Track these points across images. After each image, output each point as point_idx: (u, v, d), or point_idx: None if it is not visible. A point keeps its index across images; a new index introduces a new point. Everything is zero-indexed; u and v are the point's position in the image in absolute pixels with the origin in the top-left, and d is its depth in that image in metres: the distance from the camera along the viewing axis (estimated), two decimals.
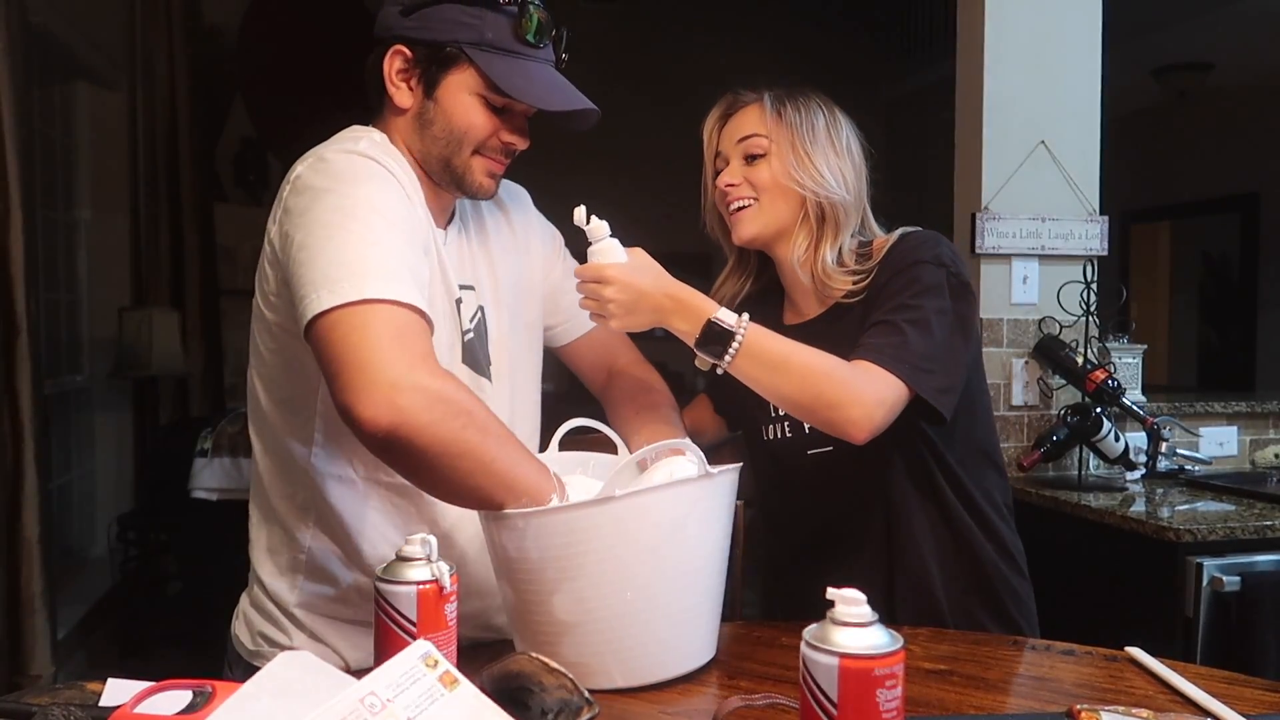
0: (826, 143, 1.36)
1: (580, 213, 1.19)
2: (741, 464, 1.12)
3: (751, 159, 1.36)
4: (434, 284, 1.17)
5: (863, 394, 1.20)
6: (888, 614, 0.77)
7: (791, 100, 1.37)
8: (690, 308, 1.19)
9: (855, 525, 1.40)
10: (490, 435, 1.00)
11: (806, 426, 1.38)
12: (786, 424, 1.41)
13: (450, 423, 0.96)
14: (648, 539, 1.01)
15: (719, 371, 1.21)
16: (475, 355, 1.23)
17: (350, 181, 1.07)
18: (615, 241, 1.20)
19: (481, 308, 1.26)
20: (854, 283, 1.34)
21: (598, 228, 1.19)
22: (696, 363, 1.26)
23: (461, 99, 1.15)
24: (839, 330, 1.27)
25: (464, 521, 1.18)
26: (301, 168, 1.11)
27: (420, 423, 0.95)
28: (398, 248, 1.04)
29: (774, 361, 1.19)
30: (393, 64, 1.16)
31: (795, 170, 1.34)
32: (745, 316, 1.20)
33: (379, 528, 1.17)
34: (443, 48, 1.13)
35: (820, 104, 1.39)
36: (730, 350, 1.18)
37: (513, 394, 1.29)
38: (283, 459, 1.19)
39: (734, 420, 1.58)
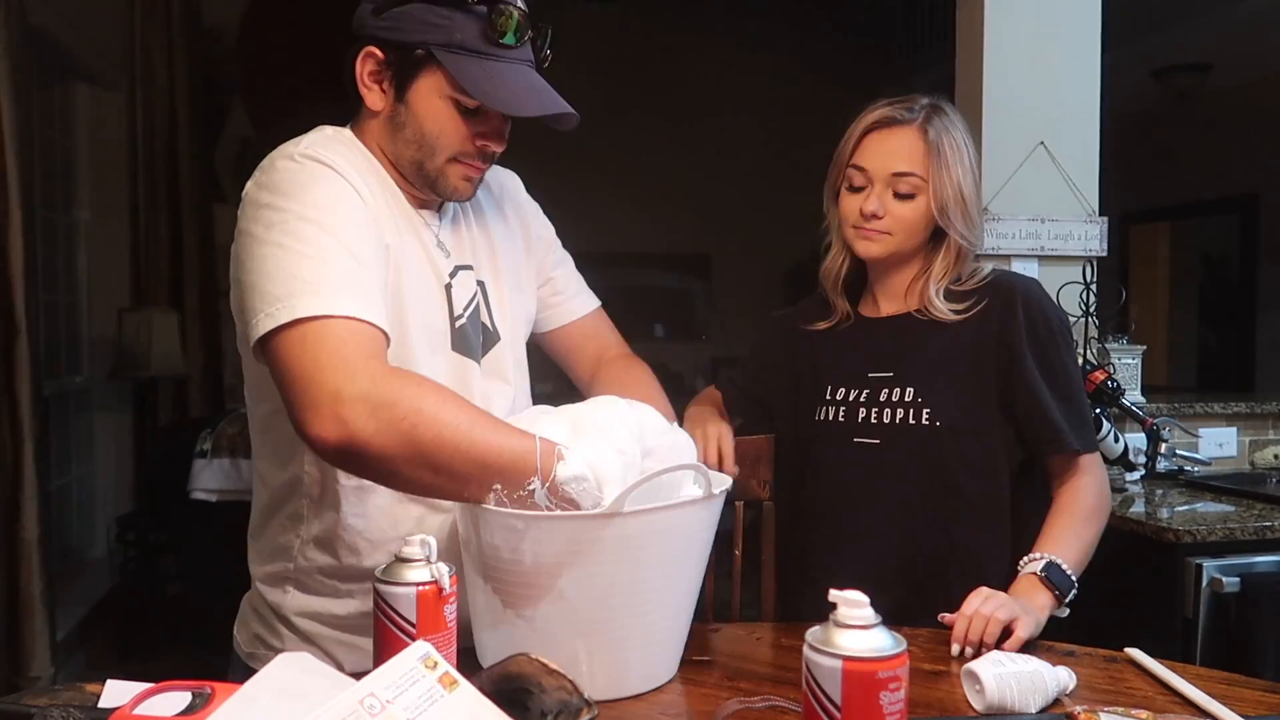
0: (973, 185, 1.40)
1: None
2: (732, 479, 1.14)
3: (903, 195, 1.37)
4: (420, 270, 1.15)
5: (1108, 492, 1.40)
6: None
7: (948, 134, 1.37)
8: None
9: (898, 525, 1.38)
10: (445, 426, 0.96)
11: (859, 414, 1.40)
12: (842, 409, 1.43)
13: (398, 425, 0.94)
14: (651, 554, 1.00)
15: None
16: (468, 340, 1.20)
17: (287, 193, 1.04)
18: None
19: (481, 283, 1.24)
20: (954, 312, 1.39)
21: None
22: None
23: (433, 103, 1.11)
24: (910, 335, 1.31)
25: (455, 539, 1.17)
26: (250, 181, 1.09)
27: (367, 433, 0.94)
28: (334, 257, 1.01)
29: None
30: (365, 66, 1.13)
31: (950, 213, 1.37)
32: None
33: (369, 539, 1.16)
34: (412, 50, 1.10)
35: (963, 129, 1.40)
36: None
37: (515, 361, 1.27)
38: (274, 470, 1.18)
39: (748, 418, 1.58)
